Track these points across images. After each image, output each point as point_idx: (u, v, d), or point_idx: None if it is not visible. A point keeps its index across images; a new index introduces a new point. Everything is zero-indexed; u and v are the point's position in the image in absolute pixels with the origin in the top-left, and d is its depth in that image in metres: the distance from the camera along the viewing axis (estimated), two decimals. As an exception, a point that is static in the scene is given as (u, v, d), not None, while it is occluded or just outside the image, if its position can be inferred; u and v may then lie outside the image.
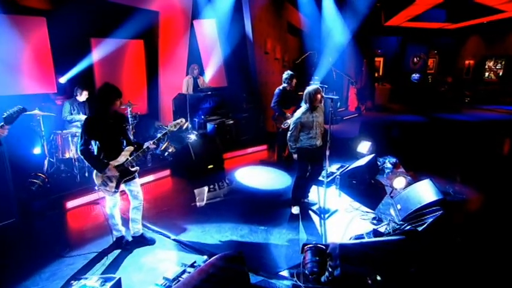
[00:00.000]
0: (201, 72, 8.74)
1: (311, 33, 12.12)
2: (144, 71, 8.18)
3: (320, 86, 4.83)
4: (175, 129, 4.14)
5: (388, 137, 8.77)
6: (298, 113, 4.74)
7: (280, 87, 6.52)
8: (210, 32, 9.37)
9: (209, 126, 7.85)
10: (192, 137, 7.27)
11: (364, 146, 7.32)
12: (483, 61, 16.15)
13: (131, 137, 4.21)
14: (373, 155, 6.53)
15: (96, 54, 6.98)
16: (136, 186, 4.12)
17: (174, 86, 8.45)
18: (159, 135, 4.00)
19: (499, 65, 15.69)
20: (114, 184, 3.97)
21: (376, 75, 15.27)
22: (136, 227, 4.26)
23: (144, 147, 3.95)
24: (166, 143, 6.93)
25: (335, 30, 11.67)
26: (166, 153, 6.95)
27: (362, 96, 13.09)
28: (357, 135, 8.38)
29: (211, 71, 9.26)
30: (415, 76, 15.74)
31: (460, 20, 13.71)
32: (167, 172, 6.59)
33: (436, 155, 7.67)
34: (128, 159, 3.99)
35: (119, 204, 4.21)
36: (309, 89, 4.69)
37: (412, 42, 16.16)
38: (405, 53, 16.34)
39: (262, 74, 9.51)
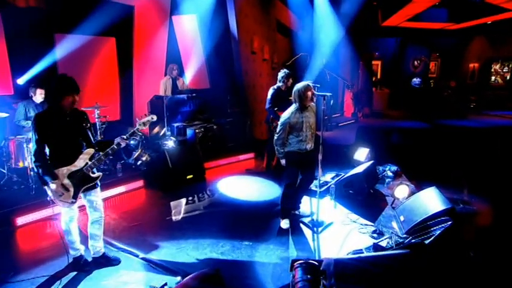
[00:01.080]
0: (181, 73, 8.70)
1: (303, 33, 12.20)
2: (117, 71, 8.02)
3: (312, 86, 4.70)
4: (144, 127, 3.89)
5: (388, 144, 8.73)
6: (287, 113, 4.64)
7: (275, 86, 6.50)
8: (191, 28, 9.31)
9: (189, 132, 7.73)
10: (170, 143, 7.17)
11: (361, 153, 7.30)
12: (489, 64, 16.31)
13: (96, 138, 3.93)
14: (371, 161, 6.48)
15: (61, 52, 6.77)
16: (98, 196, 3.85)
17: (150, 88, 8.35)
18: (130, 131, 3.74)
19: (506, 68, 15.87)
20: (71, 193, 3.68)
21: (373, 79, 15.33)
22: (97, 245, 3.97)
23: (115, 143, 3.69)
24: (139, 151, 6.80)
25: (328, 28, 11.75)
26: (139, 162, 6.79)
27: (358, 101, 13.11)
28: (354, 143, 8.40)
29: (192, 71, 9.21)
30: (416, 80, 15.81)
31: (463, 20, 13.82)
32: (140, 183, 6.44)
33: (441, 163, 7.70)
34: (87, 163, 3.72)
35: (77, 217, 3.93)
36: (298, 85, 4.60)
37: (412, 44, 16.28)
38: (405, 56, 16.45)
39: (248, 75, 9.46)
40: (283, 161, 4.81)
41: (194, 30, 9.33)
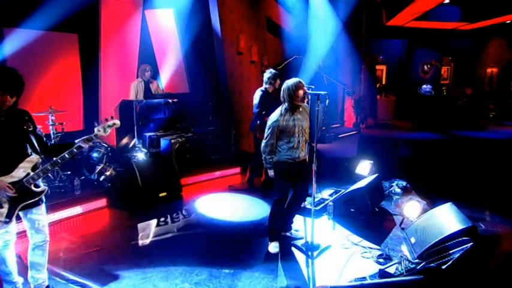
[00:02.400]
0: (155, 75, 8.72)
1: (296, 33, 12.29)
2: (79, 73, 7.86)
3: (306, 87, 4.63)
4: (105, 133, 3.67)
5: (395, 157, 8.70)
6: (274, 114, 4.58)
7: (262, 88, 6.61)
8: (167, 25, 9.28)
9: (163, 142, 7.64)
10: (140, 156, 7.13)
11: (364, 167, 7.32)
12: (509, 69, 16.43)
13: (50, 143, 3.66)
14: (376, 175, 6.45)
15: (9, 49, 6.57)
16: (41, 215, 3.56)
17: (120, 92, 8.26)
18: (95, 132, 3.52)
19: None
20: (4, 211, 3.38)
21: (378, 85, 15.39)
22: (39, 277, 3.65)
23: (75, 146, 3.44)
24: (103, 165, 6.64)
25: (325, 28, 11.87)
26: (102, 178, 6.62)
27: (361, 109, 13.11)
28: (356, 155, 8.47)
29: (168, 73, 9.19)
30: (426, 87, 15.87)
31: (478, 19, 13.95)
32: (102, 202, 6.28)
33: (457, 178, 7.75)
34: (29, 174, 3.44)
35: (14, 243, 3.67)
36: (287, 82, 4.53)
37: (420, 47, 16.42)
38: (413, 60, 16.58)
39: (234, 79, 9.48)
40: (271, 172, 4.73)
41: (171, 27, 9.31)
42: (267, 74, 6.55)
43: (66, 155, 3.50)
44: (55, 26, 6.97)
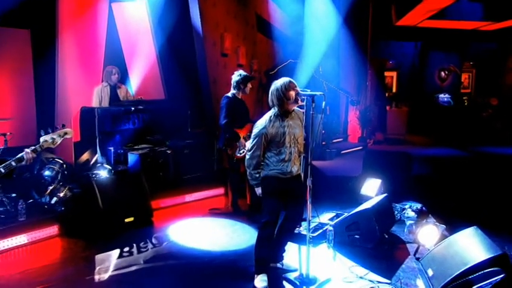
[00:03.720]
0: (124, 79, 8.76)
1: (292, 34, 12.46)
2: (31, 76, 7.81)
3: (301, 91, 4.54)
4: (53, 145, 3.48)
5: (408, 175, 8.59)
6: (262, 120, 4.50)
7: (229, 94, 6.69)
8: (139, 20, 9.33)
9: (132, 158, 7.59)
10: (103, 174, 6.96)
11: (371, 186, 7.33)
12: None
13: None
14: (384, 195, 6.43)
15: None
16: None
17: (80, 99, 8.20)
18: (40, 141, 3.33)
19: None
20: None
21: (387, 94, 15.41)
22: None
23: (15, 157, 3.23)
24: (55, 184, 6.51)
25: (324, 28, 12.01)
26: (54, 200, 6.46)
27: (367, 121, 13.14)
28: (361, 174, 8.39)
29: (139, 77, 9.24)
30: (444, 97, 15.97)
31: (503, 18, 13.99)
32: (53, 230, 6.09)
33: (482, 201, 7.76)
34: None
35: None
36: (276, 84, 4.47)
37: (436, 50, 16.51)
38: (428, 65, 16.67)
39: (218, 85, 9.49)
40: (258, 190, 4.66)
41: (143, 22, 9.36)
42: (235, 76, 6.57)
43: (2, 170, 3.29)
44: (1, 20, 6.97)
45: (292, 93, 4.37)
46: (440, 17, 13.91)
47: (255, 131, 4.46)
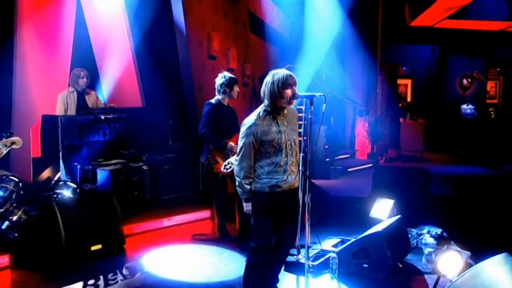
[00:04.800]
0: (94, 84, 8.79)
1: (290, 36, 12.75)
2: None
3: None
4: None
5: (425, 196, 8.56)
6: (250, 117, 4.45)
7: (212, 100, 6.76)
8: (113, 16, 9.35)
9: (101, 175, 7.49)
10: (66, 194, 6.96)
11: (382, 208, 7.27)
12: None
13: None
14: (397, 217, 6.37)
15: None
16: None
17: (42, 106, 8.15)
18: None
19: None
20: None
21: (400, 104, 15.46)
22: None
23: None
24: (7, 206, 6.42)
25: (328, 29, 12.15)
26: (5, 225, 6.35)
27: (377, 134, 13.12)
28: (370, 194, 8.44)
29: (112, 81, 9.24)
30: (467, 108, 16.02)
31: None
32: (4, 260, 5.99)
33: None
34: None
35: None
36: (274, 75, 4.42)
37: (457, 54, 16.59)
38: (447, 72, 16.75)
39: (204, 91, 9.55)
40: (247, 206, 4.57)
41: (118, 19, 9.39)
42: (219, 79, 6.63)
43: None
44: None
45: (289, 92, 4.33)
46: (461, 17, 13.97)
47: (243, 129, 4.41)
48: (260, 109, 4.42)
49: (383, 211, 7.10)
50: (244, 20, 11.25)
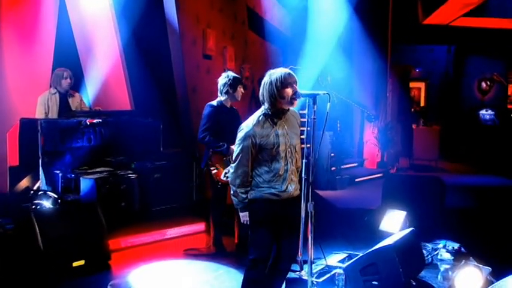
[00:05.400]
0: (78, 85, 8.81)
1: (293, 35, 12.87)
2: None
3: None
4: None
5: (441, 208, 8.55)
6: (248, 121, 4.45)
7: (213, 102, 6.76)
8: (99, 11, 9.35)
9: (85, 184, 7.42)
10: (46, 205, 6.90)
11: (393, 221, 7.30)
12: None
13: None
14: (410, 229, 6.31)
15: None
16: None
17: (22, 108, 8.16)
18: None
19: None
20: None
21: (413, 109, 15.48)
22: None
23: None
24: None
25: (333, 25, 12.17)
26: None
27: (388, 141, 13.14)
28: (380, 206, 8.43)
29: (98, 83, 9.28)
30: (487, 114, 16.02)
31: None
32: None
33: None
34: None
35: None
36: (271, 75, 4.41)
37: (475, 55, 16.63)
38: (464, 74, 16.80)
39: (198, 93, 9.62)
40: (244, 217, 4.56)
41: (104, 14, 9.39)
42: (222, 78, 6.63)
43: None
44: None
45: (289, 91, 4.31)
46: (479, 14, 14.00)
47: (240, 134, 4.40)
48: (259, 113, 4.41)
49: (394, 224, 7.10)
50: (243, 17, 11.27)
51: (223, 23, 10.34)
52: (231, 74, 6.67)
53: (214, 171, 6.56)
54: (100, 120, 8.06)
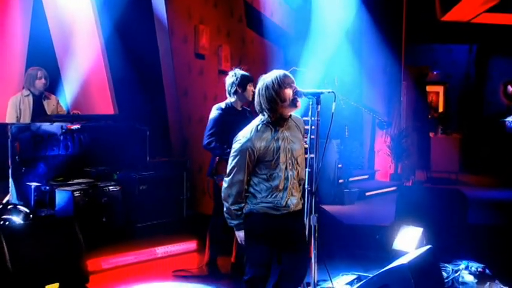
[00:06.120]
0: (54, 86, 8.83)
1: (296, 33, 12.90)
2: None
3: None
4: None
5: (462, 225, 8.48)
6: (245, 132, 4.44)
7: (222, 104, 6.72)
8: (78, 4, 9.35)
9: (61, 197, 7.40)
10: (16, 220, 6.86)
11: (408, 238, 7.27)
12: None
13: None
14: (427, 247, 6.25)
15: None
16: None
17: None
18: None
19: None
20: None
21: (430, 115, 15.49)
22: None
23: None
24: None
25: (341, 22, 12.31)
26: None
27: (402, 151, 13.08)
28: (393, 222, 8.36)
29: (77, 84, 9.27)
30: None
31: None
32: None
33: None
34: None
35: None
36: (265, 79, 4.44)
37: (500, 55, 16.62)
38: (488, 77, 16.79)
39: (190, 97, 9.71)
40: (240, 235, 4.54)
41: (84, 8, 9.39)
42: (230, 77, 6.57)
43: None
44: None
45: (289, 92, 4.29)
46: (504, 10, 14.03)
47: (236, 146, 4.38)
48: (258, 121, 4.39)
49: (409, 242, 7.06)
50: (240, 13, 11.28)
51: (218, 19, 10.35)
52: (239, 72, 6.62)
53: (219, 180, 6.40)
54: (79, 127, 8.03)
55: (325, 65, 11.61)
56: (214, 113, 6.58)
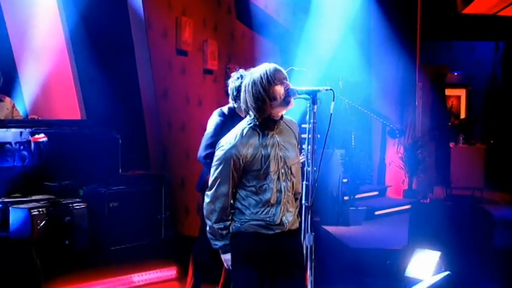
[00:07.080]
0: (9, 87, 8.95)
1: (293, 27, 13.11)
2: None
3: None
4: None
5: (487, 249, 8.60)
6: (229, 137, 4.41)
7: (225, 109, 6.69)
8: None
9: (16, 216, 7.34)
10: None
11: (423, 263, 7.35)
12: None
13: None
14: (446, 273, 6.08)
15: None
16: None
17: None
18: None
19: None
20: None
21: (451, 123, 15.56)
22: None
23: None
24: None
25: (346, 16, 12.42)
26: None
27: (417, 162, 13.16)
28: (407, 245, 8.53)
29: (37, 84, 9.30)
30: None
31: None
32: None
33: None
34: None
35: None
36: (252, 73, 4.37)
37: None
38: None
39: (171, 100, 9.80)
40: (226, 257, 4.50)
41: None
42: (234, 81, 6.44)
43: None
44: None
45: (280, 89, 4.22)
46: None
47: (219, 153, 4.32)
48: (244, 124, 4.34)
49: (425, 268, 7.12)
50: (229, 3, 11.38)
51: (203, 11, 10.39)
52: (244, 72, 6.41)
53: None
54: (46, 139, 7.97)
55: (328, 64, 11.65)
56: (215, 119, 6.48)
